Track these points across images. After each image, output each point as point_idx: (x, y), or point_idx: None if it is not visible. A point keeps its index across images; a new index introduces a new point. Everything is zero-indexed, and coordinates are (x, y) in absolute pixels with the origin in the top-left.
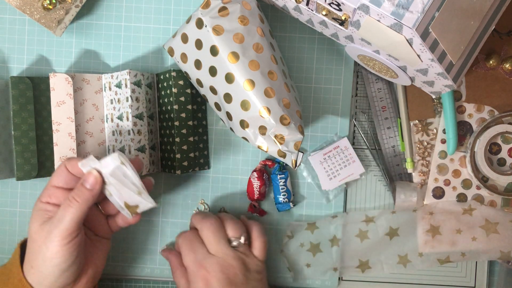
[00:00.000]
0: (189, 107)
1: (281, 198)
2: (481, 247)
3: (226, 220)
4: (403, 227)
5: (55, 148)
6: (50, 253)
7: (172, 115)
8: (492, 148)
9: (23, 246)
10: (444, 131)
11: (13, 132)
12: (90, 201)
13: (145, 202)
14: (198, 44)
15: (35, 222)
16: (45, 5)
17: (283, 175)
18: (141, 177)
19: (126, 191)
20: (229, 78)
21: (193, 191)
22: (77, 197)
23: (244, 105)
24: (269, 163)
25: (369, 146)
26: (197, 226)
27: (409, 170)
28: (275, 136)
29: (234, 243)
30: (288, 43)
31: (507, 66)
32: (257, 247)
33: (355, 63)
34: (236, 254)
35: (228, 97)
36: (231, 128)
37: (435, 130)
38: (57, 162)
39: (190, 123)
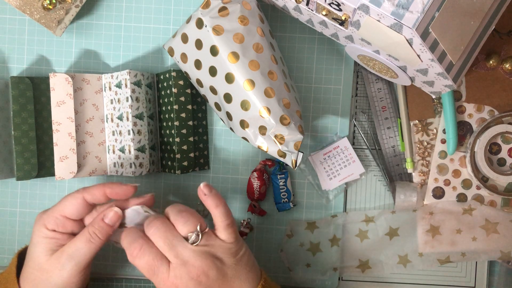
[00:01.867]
0: (189, 107)
1: (281, 198)
2: (481, 247)
3: (173, 215)
4: (403, 227)
5: (55, 148)
6: (63, 283)
7: (172, 115)
8: (492, 148)
9: (20, 259)
10: (444, 131)
11: (13, 132)
12: (109, 236)
13: None
14: (198, 44)
15: (44, 251)
16: (45, 5)
17: (283, 175)
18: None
19: None
20: (229, 78)
21: (193, 191)
22: (99, 233)
23: (244, 105)
24: (269, 163)
25: (369, 146)
26: (148, 235)
27: (409, 170)
28: (275, 136)
29: (192, 239)
30: (288, 43)
31: (507, 66)
32: (223, 232)
33: (355, 63)
34: (198, 252)
35: (228, 97)
36: (231, 128)
37: (435, 130)
38: (57, 162)
39: (190, 123)
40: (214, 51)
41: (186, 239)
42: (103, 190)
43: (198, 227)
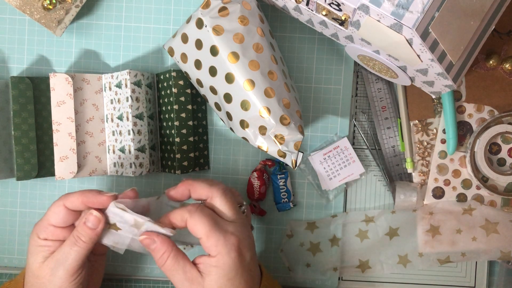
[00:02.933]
0: (189, 107)
1: (281, 198)
2: (481, 247)
3: (230, 189)
4: (403, 227)
5: (55, 148)
6: None
7: (172, 115)
8: (492, 148)
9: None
10: (444, 131)
11: (13, 132)
12: (95, 239)
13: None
14: (198, 44)
15: (37, 259)
16: (45, 5)
17: (283, 175)
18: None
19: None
20: (229, 78)
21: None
22: (82, 237)
23: (244, 105)
24: (269, 163)
25: (369, 146)
26: (209, 194)
27: (409, 170)
28: (275, 136)
29: (243, 209)
30: (288, 43)
31: (507, 66)
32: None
33: (355, 63)
34: (246, 220)
35: (228, 97)
36: (231, 128)
37: (435, 130)
38: (57, 162)
39: (190, 123)
40: (214, 51)
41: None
42: (80, 198)
43: (245, 203)
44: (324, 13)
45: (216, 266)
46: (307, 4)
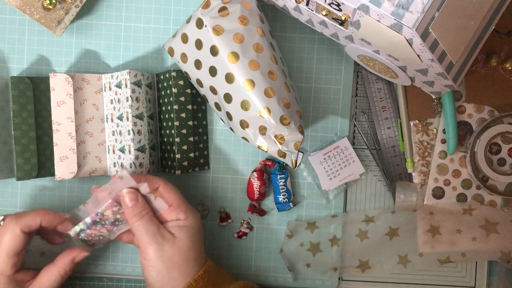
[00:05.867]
0: (189, 107)
1: (281, 198)
2: (481, 247)
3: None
4: (403, 227)
5: (55, 148)
6: None
7: (172, 115)
8: (492, 148)
9: None
10: (444, 131)
11: (13, 132)
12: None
13: None
14: (198, 44)
15: None
16: (45, 5)
17: (283, 175)
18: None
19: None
20: (229, 78)
21: (193, 191)
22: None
23: (244, 105)
24: (269, 163)
25: (369, 146)
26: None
27: (409, 170)
28: (275, 136)
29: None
30: (288, 43)
31: (507, 66)
32: None
33: (355, 63)
34: None
35: (228, 97)
36: (231, 128)
37: (435, 130)
38: (57, 162)
39: (190, 123)
40: (214, 51)
41: None
42: (38, 219)
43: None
44: (324, 13)
45: (186, 226)
46: (307, 4)
